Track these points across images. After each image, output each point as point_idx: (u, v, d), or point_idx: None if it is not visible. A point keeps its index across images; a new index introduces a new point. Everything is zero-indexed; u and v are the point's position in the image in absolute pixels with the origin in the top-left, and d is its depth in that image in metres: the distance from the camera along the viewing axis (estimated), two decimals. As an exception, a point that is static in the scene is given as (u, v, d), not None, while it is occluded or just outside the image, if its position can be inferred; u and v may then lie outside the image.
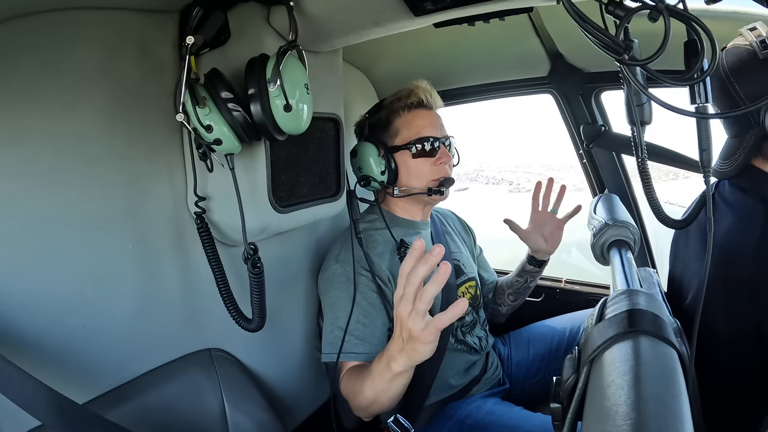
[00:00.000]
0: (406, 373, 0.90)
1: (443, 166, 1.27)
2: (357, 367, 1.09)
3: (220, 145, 0.84)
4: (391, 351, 0.88)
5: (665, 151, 1.42)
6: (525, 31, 1.39)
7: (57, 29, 0.78)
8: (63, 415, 0.69)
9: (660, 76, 0.62)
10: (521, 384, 1.47)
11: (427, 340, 0.79)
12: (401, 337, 0.83)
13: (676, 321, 0.89)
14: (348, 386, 1.07)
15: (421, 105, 1.28)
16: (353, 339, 1.11)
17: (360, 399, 1.00)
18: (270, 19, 0.94)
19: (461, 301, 0.74)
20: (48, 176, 0.79)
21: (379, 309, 1.16)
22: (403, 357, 0.85)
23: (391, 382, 0.91)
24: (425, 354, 0.82)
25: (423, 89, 1.28)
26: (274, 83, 0.81)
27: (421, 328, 0.77)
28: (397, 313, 0.81)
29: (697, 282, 1.02)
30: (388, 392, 0.94)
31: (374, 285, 1.17)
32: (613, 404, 0.41)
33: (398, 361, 0.86)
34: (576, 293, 1.83)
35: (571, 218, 1.38)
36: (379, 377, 0.93)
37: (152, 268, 0.95)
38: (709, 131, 0.75)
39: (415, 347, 0.81)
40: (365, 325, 1.13)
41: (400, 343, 0.84)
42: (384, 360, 0.90)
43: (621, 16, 0.63)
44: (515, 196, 11.65)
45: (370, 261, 1.19)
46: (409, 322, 0.78)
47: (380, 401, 0.97)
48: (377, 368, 0.93)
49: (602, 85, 1.55)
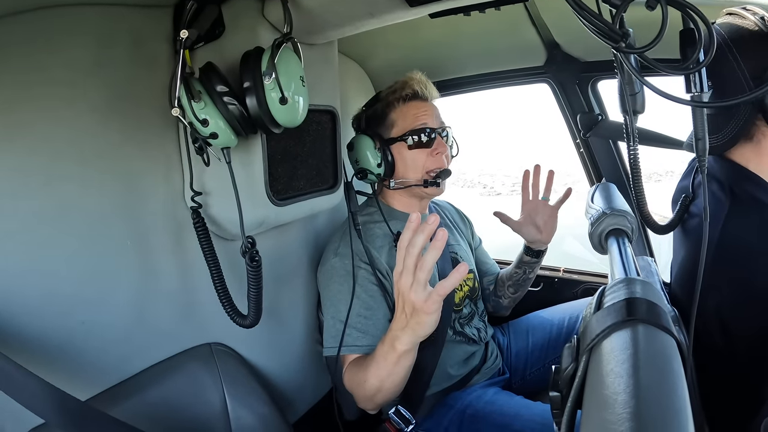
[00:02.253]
0: (410, 353, 0.92)
1: (440, 157, 1.27)
2: (359, 359, 1.09)
3: (216, 139, 0.84)
4: (394, 330, 0.90)
5: (657, 135, 1.41)
6: (521, 21, 1.38)
7: (50, 25, 0.77)
8: (65, 413, 0.69)
9: (657, 64, 0.62)
10: (521, 373, 1.47)
11: (431, 310, 0.80)
12: (404, 312, 0.85)
13: (674, 309, 0.89)
14: (352, 378, 1.07)
15: (416, 96, 1.28)
16: (355, 332, 1.12)
17: (365, 389, 1.00)
18: (264, 11, 0.94)
19: (462, 266, 0.77)
20: (44, 173, 0.78)
21: (379, 302, 1.17)
22: (408, 333, 0.86)
23: (396, 365, 0.93)
24: (429, 326, 0.84)
25: (417, 81, 1.27)
26: (269, 76, 0.81)
27: (424, 298, 0.79)
28: (398, 289, 0.83)
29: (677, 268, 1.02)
30: (392, 376, 0.95)
31: (374, 278, 1.17)
32: (612, 392, 0.41)
33: (402, 339, 0.88)
34: (574, 282, 1.84)
35: (563, 203, 1.35)
36: (383, 361, 0.94)
37: (151, 264, 0.95)
38: (704, 120, 0.75)
39: (419, 320, 0.83)
40: (366, 317, 1.13)
41: (404, 319, 0.86)
42: (388, 341, 0.92)
43: (617, 4, 0.62)
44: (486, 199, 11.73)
45: (369, 254, 1.19)
46: (412, 294, 0.80)
47: (386, 388, 0.98)
48: (381, 352, 0.95)
49: (599, 74, 1.55)
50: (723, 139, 0.90)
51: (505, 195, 11.03)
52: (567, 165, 2.46)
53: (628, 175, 1.68)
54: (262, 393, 1.10)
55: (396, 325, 0.89)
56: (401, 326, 0.87)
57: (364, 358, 1.07)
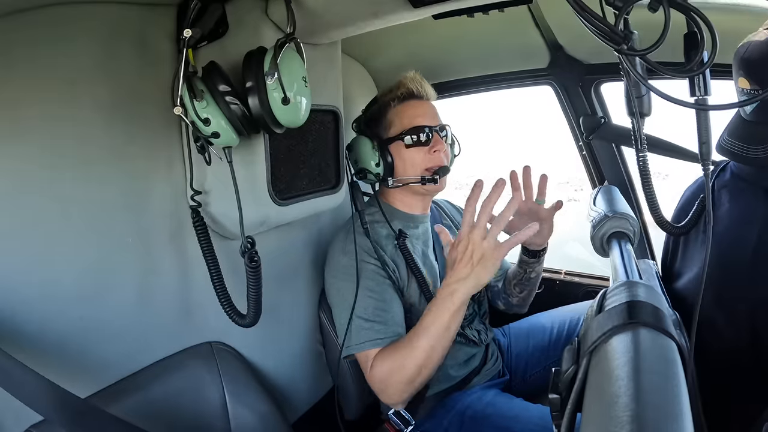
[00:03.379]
0: (461, 311, 1.02)
1: (438, 155, 1.26)
2: (388, 349, 1.09)
3: (218, 138, 0.84)
4: (451, 285, 0.99)
5: (664, 142, 1.41)
6: (524, 23, 1.38)
7: (54, 24, 0.77)
8: (65, 410, 0.69)
9: (659, 67, 0.62)
10: (521, 375, 1.47)
11: (500, 256, 0.96)
12: (470, 261, 0.97)
13: (676, 313, 0.89)
14: (383, 369, 1.07)
15: (411, 96, 1.28)
16: (376, 325, 1.12)
17: (405, 371, 1.04)
18: (268, 11, 0.94)
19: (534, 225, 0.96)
20: (48, 172, 0.78)
21: (393, 296, 1.18)
22: (469, 281, 0.98)
23: (447, 328, 1.01)
24: (492, 272, 0.98)
25: (411, 79, 1.27)
26: (271, 76, 0.81)
27: (494, 246, 0.96)
28: (468, 240, 0.97)
29: (693, 272, 1.02)
30: (443, 342, 1.02)
31: (385, 272, 1.18)
32: (612, 395, 0.41)
33: (461, 290, 0.99)
34: (576, 285, 1.84)
35: (557, 211, 1.29)
36: (433, 326, 1.01)
37: (152, 262, 0.95)
38: (708, 124, 0.75)
39: (485, 266, 0.96)
40: (385, 310, 1.14)
41: (468, 268, 0.97)
42: (441, 298, 1.01)
43: (620, 6, 0.62)
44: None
45: (377, 251, 1.19)
46: (485, 243, 0.96)
47: (432, 360, 1.03)
48: (430, 319, 1.02)
49: (602, 77, 1.55)
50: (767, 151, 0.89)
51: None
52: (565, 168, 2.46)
53: (630, 178, 1.69)
54: (262, 392, 1.10)
55: (455, 276, 0.99)
56: (462, 276, 0.98)
57: (394, 345, 1.09)
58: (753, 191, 0.94)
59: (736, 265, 0.93)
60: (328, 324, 1.33)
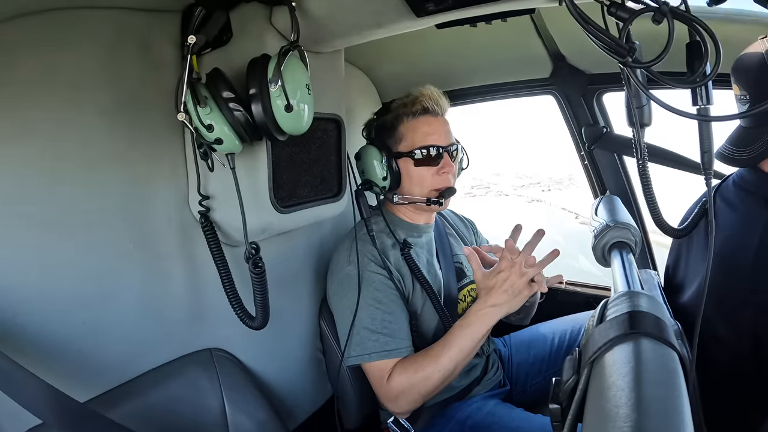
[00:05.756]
0: (488, 332, 1.15)
1: (446, 176, 1.25)
2: (407, 361, 1.11)
3: (221, 144, 0.84)
4: (484, 308, 1.11)
5: (666, 152, 1.42)
6: (527, 33, 1.39)
7: (59, 28, 0.78)
8: (63, 414, 0.69)
9: (662, 78, 0.62)
10: (522, 385, 1.46)
11: (530, 293, 1.11)
12: (506, 292, 1.10)
13: (677, 323, 0.89)
14: (403, 380, 1.09)
15: (426, 112, 1.26)
16: (382, 337, 1.12)
17: (430, 382, 1.08)
18: (272, 19, 0.94)
19: (555, 251, 1.13)
20: (50, 175, 0.79)
21: (400, 307, 1.18)
22: (503, 308, 1.11)
23: (475, 346, 1.12)
24: (521, 305, 1.12)
25: (428, 97, 1.25)
26: (275, 83, 0.81)
27: (528, 284, 1.10)
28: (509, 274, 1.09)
29: (697, 284, 1.02)
30: (466, 360, 1.12)
31: (392, 282, 1.18)
32: (613, 406, 0.41)
33: (492, 315, 1.11)
34: (577, 294, 1.83)
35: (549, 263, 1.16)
36: (463, 342, 1.10)
37: (153, 268, 0.95)
38: (711, 133, 0.75)
39: (519, 298, 1.11)
40: (392, 322, 1.14)
41: (504, 297, 1.10)
42: (473, 320, 1.11)
43: (624, 18, 0.63)
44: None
45: (384, 261, 1.19)
46: (522, 279, 1.09)
47: (453, 375, 1.11)
48: (460, 334, 1.11)
49: (604, 87, 1.55)
50: (755, 152, 0.91)
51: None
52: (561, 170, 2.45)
53: (632, 187, 1.69)
54: (262, 400, 1.10)
55: (488, 304, 1.11)
56: (497, 303, 1.10)
57: (415, 358, 1.12)
58: (755, 200, 0.94)
59: (738, 270, 0.93)
60: (329, 332, 1.32)
